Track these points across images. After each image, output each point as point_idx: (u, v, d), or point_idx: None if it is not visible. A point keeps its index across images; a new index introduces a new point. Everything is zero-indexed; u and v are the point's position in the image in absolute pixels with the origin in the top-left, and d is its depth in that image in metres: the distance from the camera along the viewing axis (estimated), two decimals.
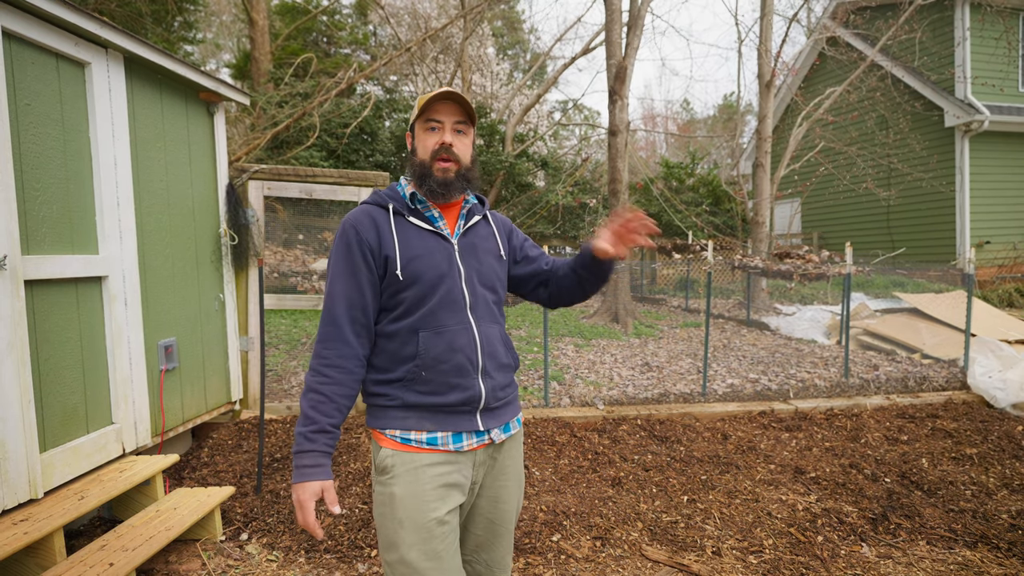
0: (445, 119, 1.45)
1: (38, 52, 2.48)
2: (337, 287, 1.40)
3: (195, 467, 3.31)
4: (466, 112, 1.46)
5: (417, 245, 1.43)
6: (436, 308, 1.40)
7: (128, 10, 10.12)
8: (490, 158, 11.51)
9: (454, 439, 1.41)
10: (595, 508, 2.96)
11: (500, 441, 1.48)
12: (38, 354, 2.41)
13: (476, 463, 1.45)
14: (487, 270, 1.50)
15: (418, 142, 1.48)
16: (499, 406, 1.48)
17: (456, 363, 1.40)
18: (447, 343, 1.40)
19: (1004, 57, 10.50)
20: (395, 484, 1.37)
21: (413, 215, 1.47)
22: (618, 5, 7.84)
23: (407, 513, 1.35)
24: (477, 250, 1.50)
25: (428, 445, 1.39)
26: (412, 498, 1.35)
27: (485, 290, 1.49)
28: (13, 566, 2.14)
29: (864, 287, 10.18)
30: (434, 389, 1.39)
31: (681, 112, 31.24)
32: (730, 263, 6.87)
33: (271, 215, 6.22)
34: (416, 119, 1.48)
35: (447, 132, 1.45)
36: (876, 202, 11.95)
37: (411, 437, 1.39)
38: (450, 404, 1.40)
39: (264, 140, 6.99)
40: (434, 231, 1.46)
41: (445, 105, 1.44)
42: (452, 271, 1.43)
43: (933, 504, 3.04)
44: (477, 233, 1.53)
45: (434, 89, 1.46)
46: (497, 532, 1.52)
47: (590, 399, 4.61)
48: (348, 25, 19.21)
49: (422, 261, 1.41)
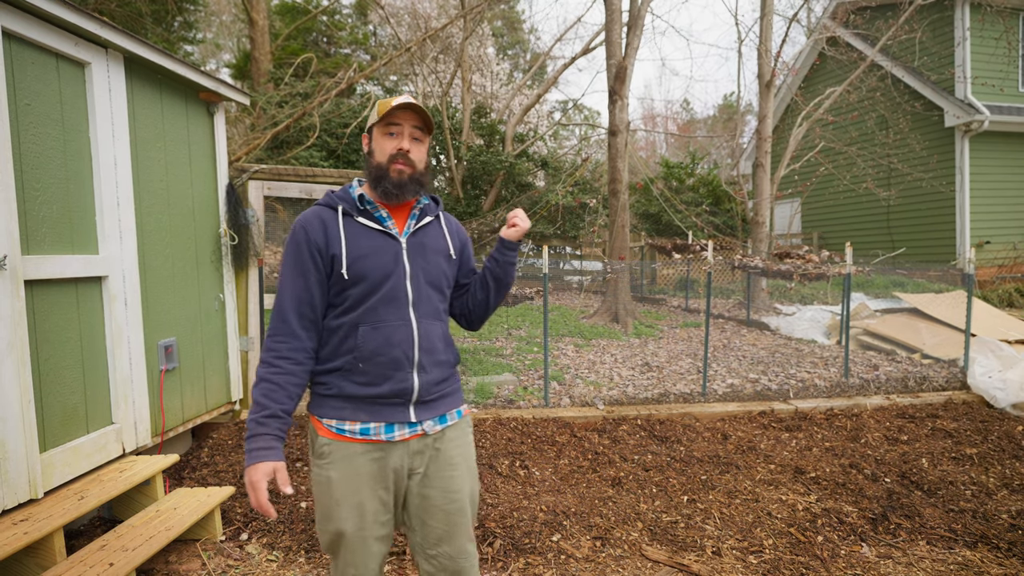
0: (404, 125, 1.53)
1: (38, 52, 2.48)
2: (287, 285, 1.49)
3: (195, 467, 3.31)
4: (424, 121, 1.55)
5: (364, 244, 1.51)
6: (378, 304, 1.49)
7: (128, 10, 10.12)
8: (490, 158, 11.50)
9: (386, 429, 1.50)
10: (595, 508, 2.96)
11: (435, 432, 1.56)
12: (38, 354, 2.41)
13: (411, 452, 1.53)
14: (434, 269, 1.58)
15: (376, 145, 1.56)
16: (433, 399, 1.56)
17: (392, 357, 1.48)
18: (385, 337, 1.48)
19: (1004, 57, 10.50)
20: (331, 469, 1.48)
21: (362, 215, 1.54)
22: (618, 5, 7.84)
23: (343, 494, 1.47)
24: (426, 249, 1.57)
25: (361, 435, 1.48)
26: (347, 481, 1.47)
27: (430, 288, 1.56)
28: (13, 566, 2.14)
29: (864, 287, 10.18)
30: (370, 380, 1.48)
31: (681, 112, 31.24)
32: (730, 263, 6.87)
33: (271, 215, 6.21)
34: (375, 124, 1.55)
35: (405, 139, 1.53)
36: (876, 202, 11.95)
37: (345, 428, 1.49)
38: (383, 395, 1.49)
39: (264, 140, 6.99)
40: (382, 230, 1.54)
41: (405, 113, 1.52)
42: (398, 269, 1.51)
43: (933, 504, 3.04)
44: (428, 233, 1.60)
45: (393, 97, 1.61)
46: (454, 522, 1.56)
47: (590, 399, 4.61)
48: (348, 25, 19.20)
49: (368, 260, 1.49)
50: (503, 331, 7.55)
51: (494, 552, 2.56)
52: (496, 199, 12.09)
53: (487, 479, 3.27)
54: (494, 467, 3.41)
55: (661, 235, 12.78)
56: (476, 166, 11.81)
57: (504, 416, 4.17)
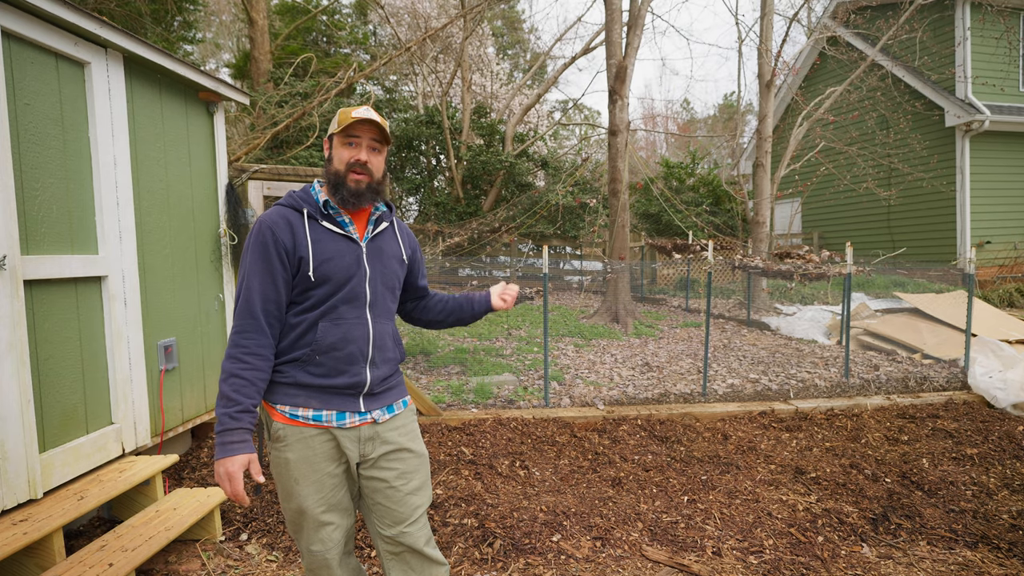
0: (363, 136, 1.61)
1: (38, 52, 2.47)
2: (255, 283, 1.55)
3: (195, 467, 3.31)
4: (382, 134, 1.63)
5: (329, 248, 1.59)
6: (339, 303, 1.59)
7: (128, 10, 10.12)
8: (490, 158, 11.50)
9: (337, 417, 1.59)
10: (595, 508, 2.96)
11: (384, 420, 1.66)
12: (37, 354, 2.41)
13: (362, 438, 1.62)
14: (390, 272, 1.69)
15: (335, 153, 1.63)
16: (382, 392, 1.67)
17: (348, 352, 1.58)
18: (343, 333, 1.58)
19: (1004, 57, 10.49)
20: (288, 451, 1.58)
21: (326, 219, 1.62)
22: (618, 5, 7.84)
23: (301, 473, 1.58)
24: (383, 254, 1.68)
25: (314, 421, 1.58)
26: (304, 461, 1.57)
27: (386, 290, 1.68)
28: (13, 566, 2.13)
29: (864, 287, 10.18)
30: (325, 372, 1.57)
31: (681, 112, 31.23)
32: (730, 263, 6.87)
33: None
34: (336, 132, 1.62)
35: (363, 150, 1.61)
36: (876, 202, 11.94)
37: (299, 413, 1.58)
38: (337, 387, 1.58)
39: (264, 140, 6.99)
40: (345, 235, 1.63)
41: (364, 126, 1.60)
42: (360, 271, 1.62)
43: (933, 504, 3.04)
44: (384, 238, 1.71)
45: (355, 107, 1.64)
46: (409, 502, 1.65)
47: (590, 399, 4.60)
48: (348, 25, 19.20)
49: (333, 263, 1.58)
50: (503, 331, 7.55)
51: (494, 552, 2.56)
52: (496, 199, 12.09)
53: (487, 479, 3.26)
54: (494, 467, 3.41)
55: (661, 235, 12.77)
56: (476, 166, 11.80)
57: (504, 416, 4.17)
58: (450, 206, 11.86)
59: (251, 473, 1.49)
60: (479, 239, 10.97)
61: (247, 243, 1.59)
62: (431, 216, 11.79)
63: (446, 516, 2.86)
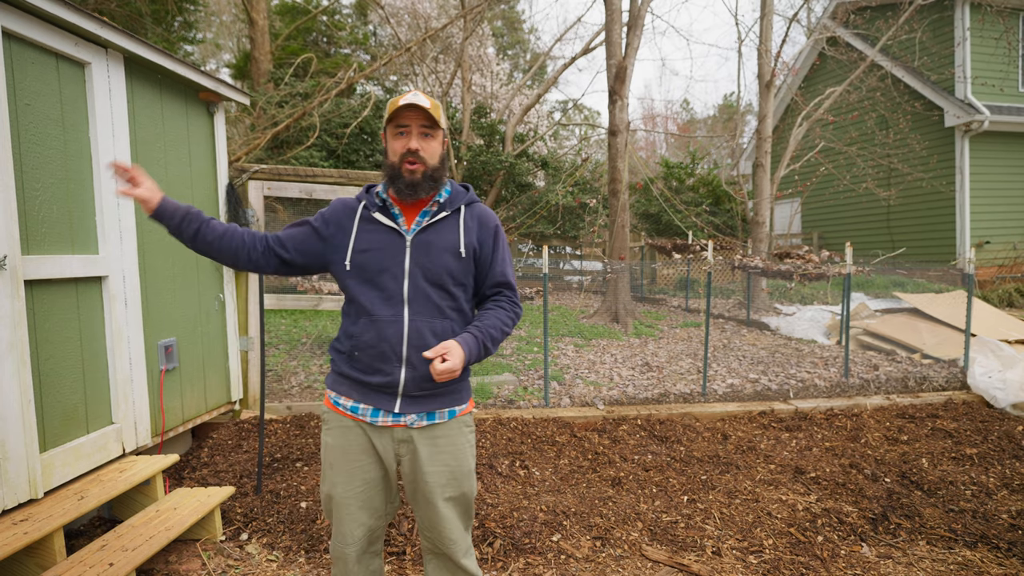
0: (412, 124, 1.57)
1: (38, 52, 2.48)
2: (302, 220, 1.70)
3: (195, 467, 3.31)
4: (431, 118, 1.57)
5: (370, 240, 1.60)
6: (374, 299, 1.57)
7: (128, 10, 10.12)
8: (490, 158, 11.50)
9: (372, 413, 1.60)
10: (595, 508, 2.96)
11: (419, 427, 1.61)
12: (38, 354, 2.41)
13: (396, 439, 1.62)
14: (436, 267, 1.58)
15: (388, 145, 1.62)
16: (423, 395, 1.60)
17: (380, 351, 1.57)
18: (377, 331, 1.57)
19: (1004, 57, 10.50)
20: (328, 435, 1.65)
21: (379, 211, 1.62)
22: (618, 5, 7.84)
23: (335, 458, 1.62)
24: (431, 247, 1.59)
25: (351, 412, 1.62)
26: (338, 448, 1.62)
27: (429, 286, 1.58)
28: (13, 566, 2.14)
29: (864, 287, 10.18)
30: (362, 369, 1.60)
31: (681, 112, 31.24)
32: (730, 263, 6.87)
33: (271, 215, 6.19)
34: (387, 123, 1.60)
35: (414, 137, 1.57)
36: (876, 202, 11.94)
37: (340, 402, 1.64)
38: (372, 384, 1.59)
39: (264, 140, 6.99)
40: (391, 227, 1.61)
41: (411, 112, 1.56)
42: (396, 266, 1.57)
43: (933, 504, 3.04)
44: (439, 230, 1.61)
45: (403, 94, 1.62)
46: (437, 514, 1.62)
47: (590, 399, 4.61)
48: (348, 25, 19.20)
49: (368, 255, 1.58)
50: None
51: (494, 552, 2.56)
52: (496, 199, 12.09)
53: (487, 479, 3.27)
54: (494, 467, 3.41)
55: (661, 235, 12.78)
56: (476, 166, 11.80)
57: (504, 416, 4.17)
58: None
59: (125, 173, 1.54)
60: None
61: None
62: None
63: None
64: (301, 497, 2.99)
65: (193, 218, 1.58)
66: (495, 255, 1.68)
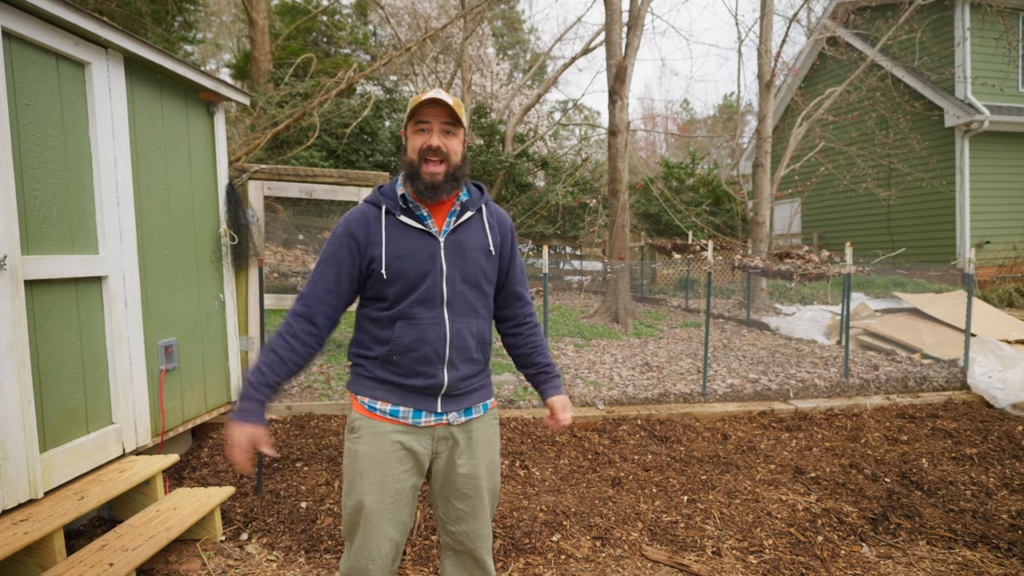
0: (433, 121, 1.54)
1: (38, 52, 2.48)
2: (319, 273, 1.57)
3: (195, 467, 3.31)
4: (453, 115, 1.53)
5: (403, 244, 1.55)
6: (414, 302, 1.54)
7: (128, 10, 10.12)
8: (490, 158, 11.50)
9: (414, 415, 1.58)
10: (595, 508, 2.96)
11: (459, 423, 1.63)
12: (38, 354, 2.41)
13: (436, 437, 1.61)
14: (471, 267, 1.60)
15: (409, 142, 1.58)
16: (460, 394, 1.62)
17: (424, 353, 1.55)
18: (419, 334, 1.54)
19: (1004, 57, 10.50)
20: (360, 443, 1.57)
21: (404, 214, 1.57)
22: (618, 5, 7.84)
23: (367, 467, 1.55)
24: (463, 247, 1.59)
25: (391, 416, 1.57)
26: (373, 457, 1.56)
27: (466, 286, 1.59)
28: (13, 566, 2.14)
29: (864, 287, 10.18)
30: (403, 372, 1.56)
31: (681, 112, 31.24)
32: (730, 263, 6.87)
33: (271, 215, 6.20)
34: (408, 120, 1.56)
35: (435, 134, 1.54)
36: (876, 202, 11.94)
37: (377, 407, 1.58)
38: (414, 387, 1.57)
39: (264, 140, 6.99)
40: (422, 229, 1.57)
41: (433, 108, 1.52)
42: (435, 269, 1.55)
43: (933, 504, 3.04)
44: (467, 230, 1.62)
45: (426, 91, 1.60)
46: (472, 506, 1.64)
47: (590, 399, 4.61)
48: (348, 25, 19.20)
49: (405, 260, 1.54)
50: None
51: (494, 552, 2.56)
52: (496, 199, 12.08)
53: None
54: None
55: (661, 235, 12.78)
56: (476, 166, 11.80)
57: (504, 416, 4.17)
58: None
59: (257, 444, 1.47)
60: None
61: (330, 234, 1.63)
62: None
63: None
64: (301, 497, 2.99)
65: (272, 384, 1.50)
66: (513, 253, 1.73)
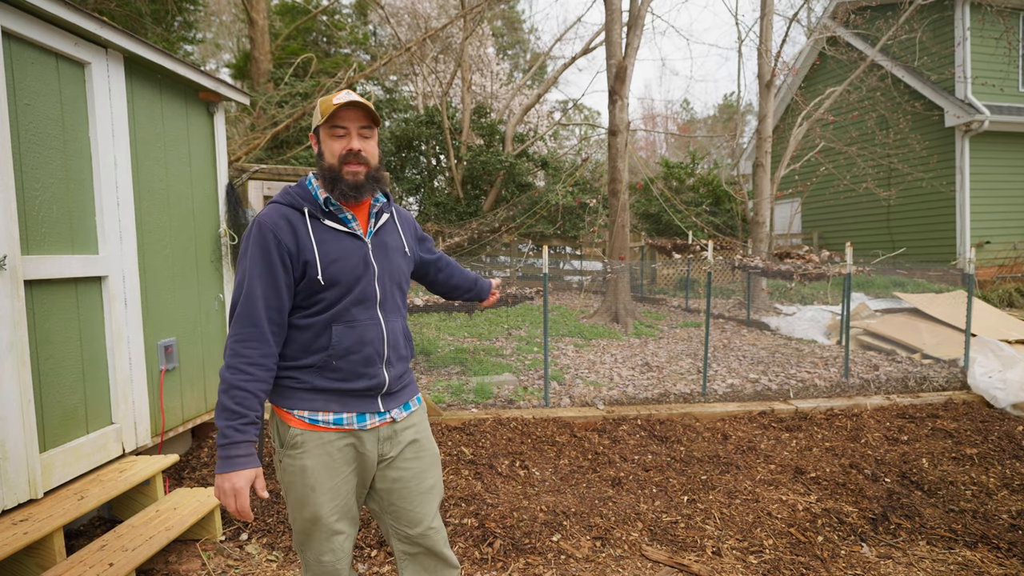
0: (351, 125, 1.51)
1: (38, 52, 2.47)
2: (256, 289, 1.45)
3: (195, 467, 3.31)
4: (370, 117, 1.53)
5: (335, 248, 1.51)
6: (350, 305, 1.52)
7: (128, 10, 10.12)
8: (490, 158, 11.49)
9: (358, 419, 1.56)
10: (595, 508, 2.96)
11: (401, 419, 1.64)
12: (38, 354, 2.41)
13: (381, 438, 1.60)
14: (396, 268, 1.63)
15: (324, 147, 1.54)
16: (398, 390, 1.64)
17: (365, 354, 1.53)
18: (358, 336, 1.52)
19: (1004, 57, 10.50)
20: (306, 458, 1.51)
21: (328, 217, 1.54)
22: (618, 5, 7.84)
23: (317, 479, 1.51)
24: (388, 249, 1.62)
25: (335, 425, 1.53)
26: (323, 468, 1.52)
27: (394, 286, 1.63)
28: (13, 566, 2.14)
29: (864, 287, 10.19)
30: (344, 376, 1.52)
31: (681, 112, 31.25)
32: (730, 263, 6.87)
33: None
34: (321, 124, 1.52)
35: (354, 138, 1.51)
36: (876, 202, 11.94)
37: (319, 418, 1.52)
38: (357, 390, 1.54)
39: (264, 140, 6.99)
40: (349, 232, 1.55)
41: (349, 111, 1.50)
42: (368, 271, 1.55)
43: (933, 504, 3.04)
44: (386, 232, 1.65)
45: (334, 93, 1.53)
46: (426, 500, 1.65)
47: (590, 399, 4.61)
48: (348, 25, 19.20)
49: (340, 264, 1.51)
50: (503, 331, 7.55)
51: (494, 552, 2.56)
52: (496, 199, 12.08)
53: (487, 479, 3.27)
54: (494, 467, 3.41)
55: (661, 235, 12.77)
56: (476, 166, 11.79)
57: (504, 416, 4.17)
58: (450, 206, 11.87)
59: (256, 488, 1.43)
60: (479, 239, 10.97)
61: (244, 244, 1.50)
62: (431, 216, 11.79)
63: (446, 516, 2.86)
64: None
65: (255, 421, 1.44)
66: (425, 242, 1.85)
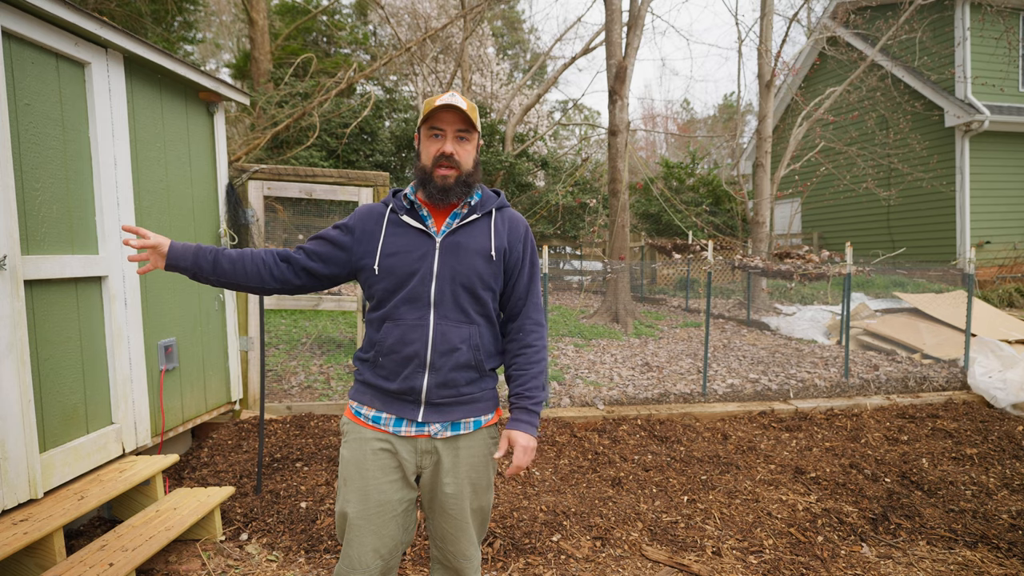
0: (447, 128, 1.51)
1: (38, 52, 2.47)
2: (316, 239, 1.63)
3: (195, 467, 3.31)
4: (467, 120, 1.51)
5: (398, 243, 1.54)
6: (400, 302, 1.52)
7: (128, 10, 10.12)
8: (490, 158, 11.50)
9: (395, 423, 1.55)
10: (595, 508, 2.96)
11: (443, 437, 1.55)
12: (38, 354, 2.41)
13: (419, 450, 1.56)
14: (466, 270, 1.53)
15: (422, 147, 1.56)
16: (446, 404, 1.54)
17: (404, 355, 1.51)
18: (401, 335, 1.52)
19: (1004, 57, 10.50)
20: (345, 447, 1.58)
21: (408, 214, 1.57)
22: (618, 5, 7.84)
23: (349, 474, 1.54)
24: (460, 248, 1.54)
25: (372, 422, 1.56)
26: (354, 463, 1.53)
27: (459, 288, 1.53)
28: (13, 566, 2.14)
29: (864, 287, 10.19)
30: (385, 375, 1.54)
31: (681, 112, 31.26)
32: (730, 263, 6.87)
33: (271, 215, 6.18)
34: (421, 124, 1.54)
35: (449, 141, 1.52)
36: (876, 202, 11.94)
37: (362, 412, 1.58)
38: (392, 391, 1.54)
39: (264, 140, 6.99)
40: (420, 229, 1.55)
41: (448, 114, 1.50)
42: (424, 268, 1.52)
43: (933, 504, 3.04)
44: (469, 232, 1.56)
45: (439, 94, 1.52)
46: (456, 526, 1.60)
47: (590, 399, 4.61)
48: (348, 25, 19.21)
49: (397, 258, 1.53)
50: None
51: (494, 552, 2.56)
52: None
53: None
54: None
55: (661, 235, 12.78)
56: None
57: (504, 416, 4.17)
58: None
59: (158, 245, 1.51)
60: None
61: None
62: None
63: None
64: (301, 497, 2.99)
65: (206, 250, 1.53)
66: (524, 259, 1.63)
